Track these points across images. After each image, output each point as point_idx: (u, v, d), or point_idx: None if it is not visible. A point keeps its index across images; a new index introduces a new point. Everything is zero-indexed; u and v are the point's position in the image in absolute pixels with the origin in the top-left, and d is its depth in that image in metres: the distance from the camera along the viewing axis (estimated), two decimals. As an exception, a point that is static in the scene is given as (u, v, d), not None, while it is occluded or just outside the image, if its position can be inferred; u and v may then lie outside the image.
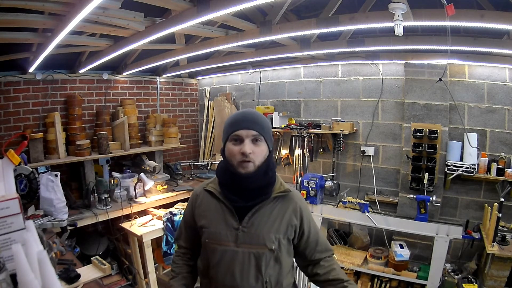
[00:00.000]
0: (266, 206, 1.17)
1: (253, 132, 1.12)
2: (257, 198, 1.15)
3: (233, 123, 1.15)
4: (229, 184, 1.17)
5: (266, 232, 1.14)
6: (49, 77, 3.47)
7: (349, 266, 3.09)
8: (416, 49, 3.11)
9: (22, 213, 1.02)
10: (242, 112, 1.20)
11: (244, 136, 1.11)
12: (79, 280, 1.76)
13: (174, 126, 4.17)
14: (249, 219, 1.14)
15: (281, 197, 1.19)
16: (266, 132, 1.15)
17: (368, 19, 2.07)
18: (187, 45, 3.12)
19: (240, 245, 1.13)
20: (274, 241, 1.14)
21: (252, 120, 1.14)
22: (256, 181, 1.13)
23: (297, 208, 1.20)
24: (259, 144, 1.13)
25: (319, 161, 3.98)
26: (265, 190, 1.17)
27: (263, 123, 1.16)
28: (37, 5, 1.85)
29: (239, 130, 1.12)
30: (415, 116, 3.27)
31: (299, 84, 4.09)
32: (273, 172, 1.20)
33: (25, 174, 2.30)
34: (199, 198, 1.26)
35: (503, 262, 2.53)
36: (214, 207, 1.20)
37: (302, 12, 2.85)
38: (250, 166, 1.11)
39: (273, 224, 1.15)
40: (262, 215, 1.15)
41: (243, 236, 1.13)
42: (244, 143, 1.11)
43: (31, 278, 0.76)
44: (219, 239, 1.15)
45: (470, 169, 2.96)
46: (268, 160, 1.16)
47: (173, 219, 2.99)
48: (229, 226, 1.15)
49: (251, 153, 1.10)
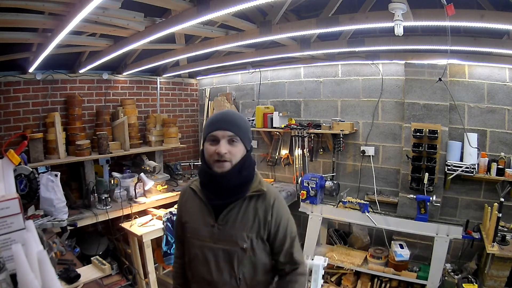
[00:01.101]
0: (241, 205, 1.18)
1: (229, 133, 1.14)
2: (232, 196, 1.18)
3: (210, 124, 1.18)
4: (207, 182, 1.21)
5: (239, 231, 1.16)
6: (49, 77, 3.47)
7: (349, 266, 3.09)
8: (416, 49, 3.11)
9: (22, 213, 1.02)
10: (220, 113, 1.22)
11: (220, 136, 1.14)
12: (79, 280, 1.76)
13: (174, 126, 4.17)
14: (224, 217, 1.17)
15: (256, 196, 1.20)
16: (243, 133, 1.17)
17: (368, 19, 2.07)
18: (187, 45, 3.12)
19: (216, 242, 1.17)
20: (246, 240, 1.16)
21: (229, 121, 1.17)
22: (230, 180, 1.15)
23: (269, 206, 1.19)
24: (236, 145, 1.15)
25: (319, 161, 3.98)
26: (240, 188, 1.18)
27: (240, 124, 1.18)
28: (37, 5, 1.85)
29: (215, 131, 1.15)
30: (415, 116, 3.27)
31: (299, 84, 4.09)
32: (249, 171, 1.21)
33: (25, 174, 2.30)
34: (185, 195, 1.31)
35: (503, 262, 2.53)
36: (196, 204, 1.24)
37: (302, 12, 2.85)
38: (226, 165, 1.14)
39: (246, 223, 1.17)
40: (236, 214, 1.17)
41: (218, 233, 1.17)
42: (220, 143, 1.14)
43: (31, 278, 0.76)
44: (197, 234, 1.20)
45: (470, 169, 2.96)
46: (244, 160, 1.18)
47: (173, 219, 2.99)
48: (207, 223, 1.19)
49: (226, 153, 1.13)
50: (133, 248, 3.16)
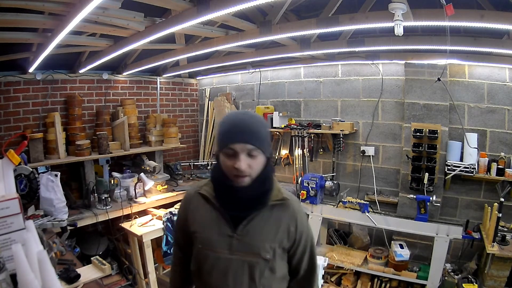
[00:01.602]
0: (263, 214, 1.11)
1: (249, 146, 1.02)
2: (252, 207, 1.10)
3: (227, 134, 1.05)
4: (224, 193, 1.11)
5: (261, 241, 1.09)
6: (49, 77, 3.47)
7: (349, 266, 3.09)
8: (416, 49, 3.11)
9: (22, 213, 1.02)
10: (237, 119, 1.08)
11: (239, 150, 1.01)
12: (79, 280, 1.75)
13: (174, 126, 4.17)
14: (244, 227, 1.09)
15: (278, 205, 1.13)
16: (263, 142, 1.06)
17: (368, 19, 2.07)
18: (187, 45, 3.12)
19: (234, 253, 1.09)
20: (268, 251, 1.09)
21: (248, 131, 1.03)
22: (251, 191, 1.07)
23: (294, 216, 1.14)
24: (256, 157, 1.04)
25: (319, 161, 3.98)
26: (261, 199, 1.11)
27: (260, 132, 1.05)
28: (37, 5, 1.85)
29: (233, 143, 1.02)
30: (415, 116, 3.27)
31: (299, 84, 4.09)
32: (270, 180, 1.13)
33: (25, 174, 2.30)
34: (193, 201, 1.19)
35: (503, 262, 2.53)
36: (208, 212, 1.14)
37: (302, 12, 2.85)
38: (246, 180, 1.05)
39: (268, 233, 1.11)
40: (258, 224, 1.10)
41: (237, 244, 1.09)
42: (239, 158, 1.01)
43: (31, 278, 0.76)
44: (212, 245, 1.11)
45: (470, 169, 2.96)
46: (266, 169, 1.09)
47: (173, 219, 2.99)
48: (223, 233, 1.10)
49: (246, 169, 1.02)
50: (133, 248, 3.16)
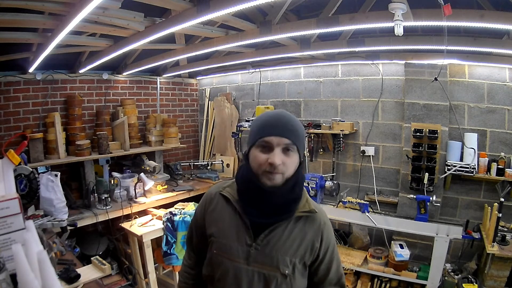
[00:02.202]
0: (287, 225, 1.03)
1: (286, 140, 0.97)
2: (278, 215, 1.02)
3: (263, 127, 0.99)
4: (249, 195, 1.03)
5: (282, 255, 1.01)
6: (49, 77, 3.47)
7: (349, 266, 3.09)
8: (416, 49, 3.11)
9: (22, 213, 1.02)
10: (275, 114, 1.03)
11: (275, 144, 0.97)
12: (79, 280, 1.76)
13: (174, 126, 4.17)
14: (265, 236, 1.01)
15: (305, 217, 1.05)
16: (300, 141, 1.01)
17: (368, 19, 2.07)
18: (187, 45, 3.12)
19: (251, 263, 1.01)
20: (288, 265, 1.01)
21: (287, 126, 0.99)
22: (281, 196, 1.00)
23: (320, 229, 1.06)
24: (291, 155, 0.98)
25: (319, 161, 3.98)
26: (289, 207, 1.03)
27: (298, 130, 1.01)
28: (37, 5, 1.85)
29: (270, 136, 0.97)
30: (415, 116, 3.27)
31: (299, 84, 4.09)
32: (301, 187, 1.06)
33: (25, 174, 2.30)
34: (213, 202, 1.12)
35: (503, 262, 2.53)
36: (228, 216, 1.07)
37: (302, 12, 2.85)
38: (278, 178, 0.98)
39: (290, 246, 1.02)
40: (280, 235, 1.02)
41: (255, 254, 1.01)
42: (274, 152, 0.96)
43: (31, 278, 0.76)
44: (228, 252, 1.03)
45: (470, 169, 2.96)
46: (298, 173, 1.03)
47: (173, 219, 2.99)
48: (241, 241, 1.03)
49: (280, 165, 0.96)
50: (133, 248, 3.16)
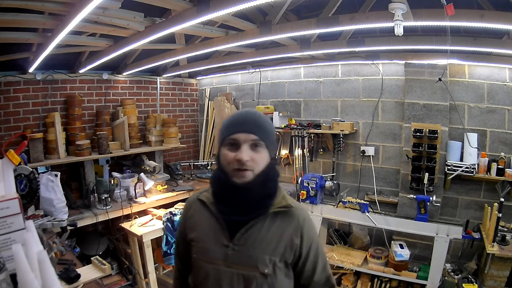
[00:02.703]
0: (263, 223, 1.01)
1: (253, 136, 0.97)
2: (253, 212, 1.01)
3: (230, 125, 1.01)
4: (222, 194, 1.03)
5: (260, 253, 0.99)
6: (49, 77, 3.47)
7: (349, 266, 3.09)
8: (416, 49, 3.11)
9: (22, 213, 1.02)
10: (241, 112, 1.06)
11: (242, 140, 0.97)
12: (79, 280, 1.76)
13: (174, 126, 4.17)
14: (241, 235, 1.00)
15: (282, 213, 1.03)
16: (268, 137, 1.01)
17: (368, 19, 2.07)
18: (187, 45, 3.12)
19: (230, 265, 1.00)
20: (268, 265, 0.99)
21: (253, 122, 1.00)
22: (253, 193, 0.98)
23: (299, 225, 1.04)
24: (259, 151, 0.99)
25: (319, 161, 3.98)
26: (263, 203, 1.02)
27: (265, 126, 1.01)
28: (37, 5, 1.85)
29: (236, 133, 0.98)
30: (415, 116, 3.27)
31: (299, 84, 4.09)
32: (274, 182, 1.05)
33: (25, 174, 2.30)
34: (191, 208, 1.12)
35: (503, 262, 2.53)
36: (205, 219, 1.06)
37: (302, 12, 2.85)
38: (248, 175, 0.97)
39: (269, 244, 1.00)
40: (257, 233, 1.00)
41: (233, 255, 1.00)
42: (241, 149, 0.96)
43: (31, 278, 0.76)
44: (207, 256, 1.03)
45: (470, 169, 2.96)
46: (269, 169, 1.02)
47: (173, 219, 2.99)
48: (219, 242, 1.02)
49: (248, 161, 0.96)
50: (133, 248, 3.16)
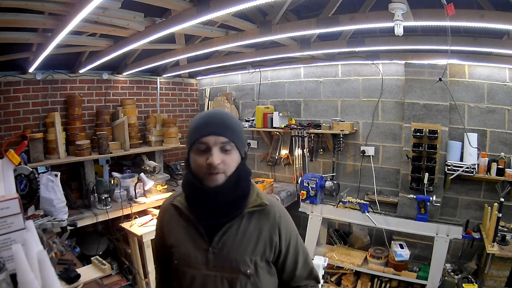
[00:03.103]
0: (240, 223, 1.00)
1: (223, 138, 0.94)
2: (227, 214, 0.99)
3: (197, 128, 0.96)
4: (196, 199, 1.00)
5: (240, 255, 0.99)
6: (49, 77, 3.47)
7: (349, 266, 3.09)
8: (416, 49, 3.11)
9: (22, 213, 1.02)
10: (208, 113, 1.01)
11: (212, 143, 0.93)
12: (79, 280, 1.76)
13: (174, 126, 4.17)
14: (219, 239, 0.99)
15: (258, 212, 1.02)
16: (238, 137, 0.98)
17: (368, 19, 2.07)
18: (187, 45, 3.12)
19: (211, 269, 0.99)
20: (249, 265, 0.98)
21: (221, 123, 0.96)
22: (226, 195, 0.96)
23: (275, 222, 1.03)
24: (230, 152, 0.96)
25: (319, 161, 3.98)
26: (236, 204, 1.00)
27: (233, 126, 0.98)
28: (37, 5, 1.85)
29: (205, 136, 0.94)
30: (415, 116, 3.27)
31: (299, 84, 4.09)
32: (246, 182, 1.03)
33: (25, 174, 2.29)
34: (167, 213, 1.10)
35: (503, 262, 2.53)
36: (181, 224, 1.04)
37: (302, 12, 2.85)
38: (220, 178, 0.95)
39: (248, 244, 0.99)
40: (235, 234, 0.99)
41: (214, 258, 0.99)
42: (212, 152, 0.93)
43: (31, 278, 0.76)
44: (188, 261, 1.01)
45: (470, 169, 2.96)
46: (240, 169, 0.99)
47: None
48: (198, 247, 1.00)
49: (220, 164, 0.93)
50: (133, 248, 3.16)
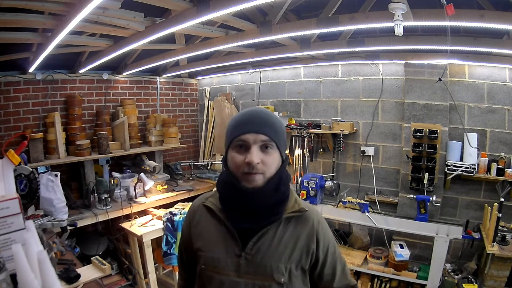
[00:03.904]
0: (276, 229, 0.96)
1: (263, 137, 0.90)
2: (265, 219, 0.94)
3: (237, 126, 0.93)
4: (231, 200, 0.96)
5: (275, 262, 0.93)
6: (49, 77, 3.47)
7: (349, 266, 3.08)
8: (416, 49, 3.11)
9: (22, 213, 1.02)
10: (249, 111, 0.96)
11: (252, 142, 0.90)
12: (79, 280, 1.76)
13: (174, 126, 4.17)
14: (254, 244, 0.94)
15: (295, 218, 0.98)
16: (279, 137, 0.93)
17: (368, 19, 2.07)
18: (187, 45, 3.12)
19: (242, 275, 0.94)
20: (283, 273, 0.93)
21: (262, 121, 0.92)
22: (265, 198, 0.92)
23: (313, 229, 0.98)
24: (270, 152, 0.91)
25: (319, 161, 3.98)
26: (275, 209, 0.95)
27: (275, 125, 0.94)
28: (37, 5, 1.85)
29: (245, 134, 0.90)
30: (415, 116, 3.27)
31: (299, 84, 4.09)
32: (286, 186, 0.98)
33: (25, 174, 2.29)
34: (196, 215, 1.05)
35: (503, 262, 2.53)
36: (213, 227, 1.00)
37: (302, 12, 2.84)
38: (259, 179, 0.90)
39: (283, 251, 0.95)
40: (270, 240, 0.95)
41: (246, 265, 0.94)
42: (251, 150, 0.89)
43: (31, 278, 0.76)
44: (217, 266, 0.96)
45: (470, 169, 2.95)
46: (281, 172, 0.95)
47: (173, 219, 2.98)
48: (230, 252, 0.95)
49: (259, 163, 0.89)
50: (133, 248, 3.16)
